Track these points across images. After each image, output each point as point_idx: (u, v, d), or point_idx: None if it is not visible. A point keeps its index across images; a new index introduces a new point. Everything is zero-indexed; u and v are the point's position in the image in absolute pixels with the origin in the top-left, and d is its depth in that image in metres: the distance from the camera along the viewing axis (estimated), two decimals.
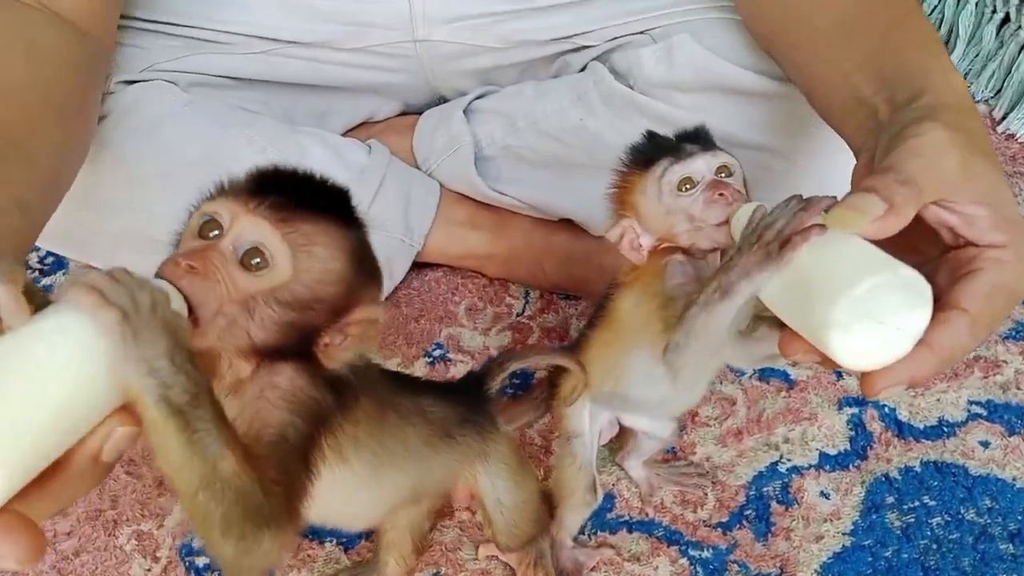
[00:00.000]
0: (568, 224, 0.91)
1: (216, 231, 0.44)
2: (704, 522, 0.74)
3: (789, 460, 0.78)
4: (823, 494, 0.75)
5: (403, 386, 0.58)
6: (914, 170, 0.47)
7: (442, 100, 0.98)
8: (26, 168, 0.57)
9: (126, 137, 0.79)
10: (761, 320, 0.58)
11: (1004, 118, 1.12)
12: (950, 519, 0.73)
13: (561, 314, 0.92)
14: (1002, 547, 0.71)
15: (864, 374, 0.46)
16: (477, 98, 0.94)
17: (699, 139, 0.59)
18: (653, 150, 0.59)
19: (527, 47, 0.89)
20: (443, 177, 0.94)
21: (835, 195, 0.48)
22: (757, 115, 0.80)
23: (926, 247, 0.50)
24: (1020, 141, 1.10)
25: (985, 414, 0.80)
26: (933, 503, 0.74)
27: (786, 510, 0.74)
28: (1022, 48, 1.11)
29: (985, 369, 0.84)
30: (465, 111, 0.92)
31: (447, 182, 0.94)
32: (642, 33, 0.84)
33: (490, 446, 0.62)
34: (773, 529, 0.73)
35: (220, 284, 0.42)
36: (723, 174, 0.57)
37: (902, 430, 0.79)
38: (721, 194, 0.55)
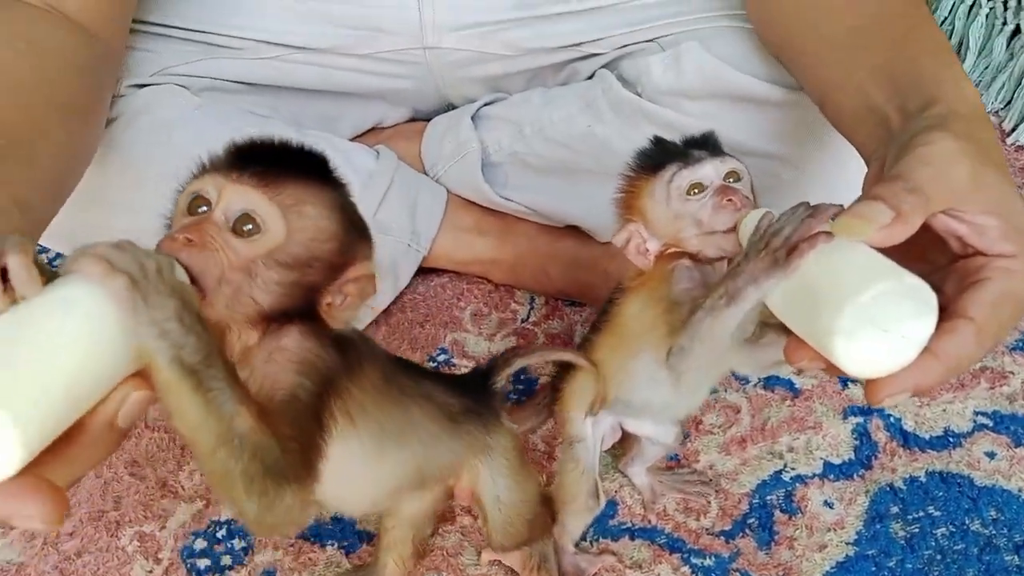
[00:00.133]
0: (574, 230, 0.91)
1: (204, 207, 0.45)
2: (707, 530, 0.74)
3: (793, 469, 0.77)
4: (827, 503, 0.75)
5: (408, 369, 0.58)
6: (923, 179, 0.47)
7: (451, 107, 0.98)
8: (27, 168, 0.57)
9: (135, 139, 0.79)
10: (768, 327, 0.58)
11: (1014, 130, 1.12)
12: (955, 530, 0.72)
13: (566, 320, 0.92)
14: (1007, 558, 0.71)
15: (868, 381, 0.46)
16: (485, 105, 0.94)
17: (708, 145, 0.59)
18: (661, 155, 0.59)
19: (535, 55, 0.89)
20: (450, 183, 0.94)
21: (842, 203, 0.48)
22: (765, 123, 0.80)
23: (935, 256, 0.50)
24: None
25: (991, 425, 0.80)
26: (938, 513, 0.74)
27: (789, 519, 0.74)
28: None
29: (992, 380, 0.83)
30: (473, 118, 0.93)
31: (454, 188, 0.94)
32: (651, 41, 0.84)
33: (494, 440, 0.61)
34: (776, 538, 0.73)
35: (219, 252, 0.44)
36: (732, 180, 0.57)
37: (907, 440, 0.79)
38: (730, 199, 0.55)
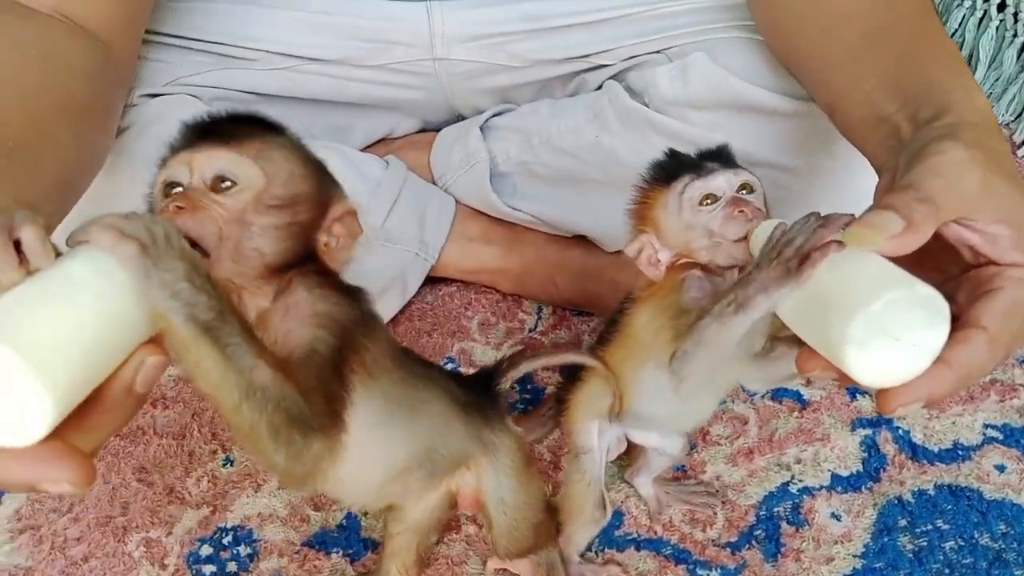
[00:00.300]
0: (581, 240, 0.91)
1: (179, 187, 0.47)
2: (713, 541, 0.73)
3: (801, 480, 0.77)
4: (834, 515, 0.74)
5: (413, 356, 0.59)
6: (934, 188, 0.47)
7: (460, 118, 0.99)
8: (32, 171, 0.57)
9: (147, 148, 0.79)
10: (779, 340, 0.58)
11: None
12: (964, 543, 0.72)
13: (573, 330, 0.92)
14: (1017, 573, 0.70)
15: (880, 391, 0.46)
16: (494, 116, 0.95)
17: (721, 157, 0.59)
18: (675, 167, 0.59)
19: (543, 66, 0.89)
20: (459, 192, 0.95)
21: (853, 213, 0.48)
22: (773, 134, 0.80)
23: (947, 265, 0.50)
24: None
25: (1001, 438, 0.79)
26: (947, 527, 0.73)
27: (796, 531, 0.74)
28: None
29: (1001, 393, 0.82)
30: (482, 128, 0.93)
31: (463, 197, 0.95)
32: (658, 52, 0.85)
33: (499, 439, 0.61)
34: (783, 550, 0.72)
35: (211, 209, 0.45)
36: (744, 192, 0.57)
37: (916, 452, 0.78)
38: (741, 211, 0.55)
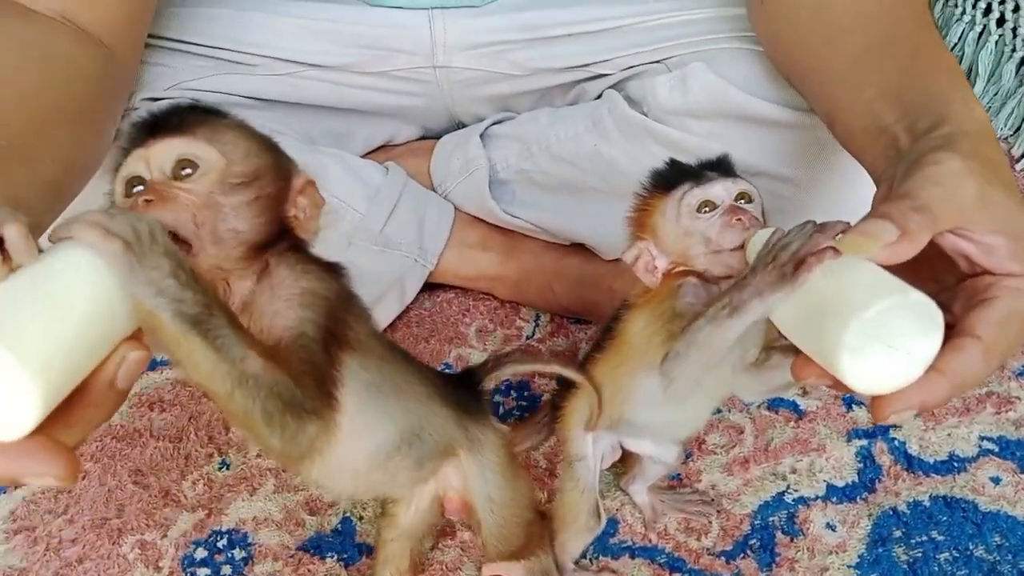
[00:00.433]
0: (579, 248, 0.91)
1: (140, 185, 0.47)
2: (708, 550, 0.73)
3: (796, 491, 0.77)
4: (829, 526, 0.74)
5: (397, 347, 0.60)
6: (930, 198, 0.47)
7: (460, 125, 0.99)
8: (25, 169, 0.57)
9: None
10: (774, 350, 0.58)
11: None
12: (958, 555, 0.72)
13: (571, 338, 0.93)
14: None
15: (874, 398, 0.46)
16: (494, 123, 0.95)
17: (721, 167, 0.60)
18: (675, 175, 0.59)
19: (543, 75, 0.90)
20: (458, 199, 0.95)
21: (849, 221, 0.48)
22: (772, 144, 0.80)
23: (943, 275, 0.50)
24: None
25: (996, 450, 0.79)
26: (942, 538, 0.73)
27: (791, 541, 0.74)
28: None
29: (998, 405, 0.82)
30: (482, 136, 0.94)
31: (462, 204, 0.95)
32: (658, 62, 0.85)
33: (483, 434, 0.61)
34: (777, 560, 0.72)
35: (180, 197, 0.46)
36: (743, 201, 0.57)
37: (911, 464, 0.78)
38: (739, 219, 0.55)
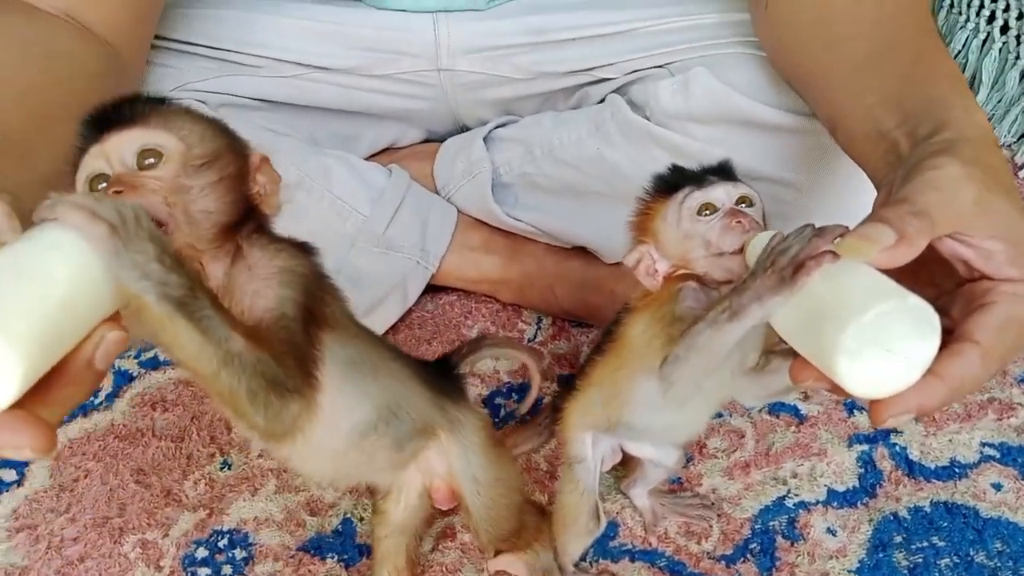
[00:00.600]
0: (581, 251, 0.92)
1: (104, 181, 0.47)
2: (708, 554, 0.73)
3: (796, 495, 0.77)
4: (830, 531, 0.74)
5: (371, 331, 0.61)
6: (928, 202, 0.47)
7: (464, 128, 0.99)
8: (22, 164, 0.57)
9: None
10: (773, 355, 0.58)
11: None
12: (959, 561, 0.72)
13: (573, 341, 0.93)
14: None
15: (872, 402, 0.46)
16: (497, 127, 0.95)
17: (723, 172, 0.60)
18: (677, 179, 0.60)
19: (547, 78, 0.90)
20: (461, 202, 0.95)
21: (849, 225, 0.48)
22: (774, 149, 0.80)
23: (942, 280, 0.51)
24: None
25: (998, 456, 0.79)
26: (942, 544, 0.73)
27: (791, 545, 0.73)
28: None
29: (999, 411, 0.82)
30: (485, 139, 0.94)
31: (465, 207, 0.95)
32: (661, 67, 0.85)
33: (463, 415, 0.61)
34: (778, 564, 0.72)
35: (148, 185, 0.46)
36: (743, 204, 0.58)
37: (912, 469, 0.78)
38: (739, 221, 0.55)
